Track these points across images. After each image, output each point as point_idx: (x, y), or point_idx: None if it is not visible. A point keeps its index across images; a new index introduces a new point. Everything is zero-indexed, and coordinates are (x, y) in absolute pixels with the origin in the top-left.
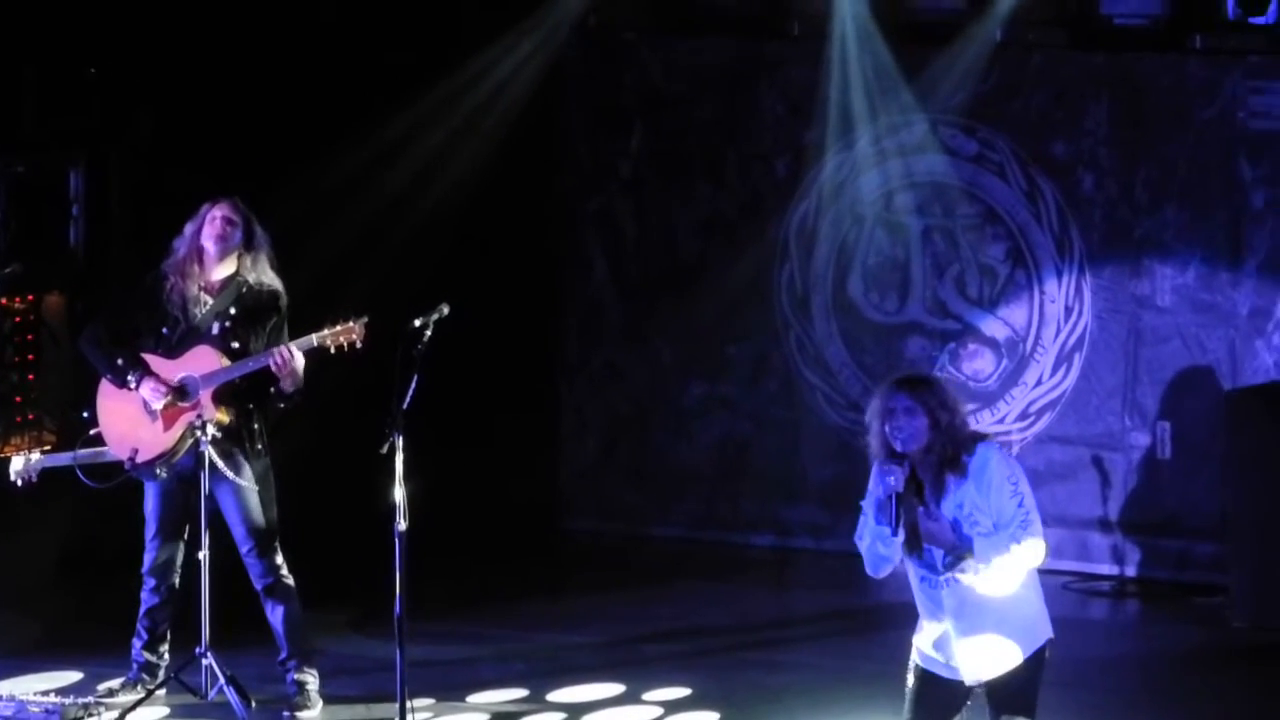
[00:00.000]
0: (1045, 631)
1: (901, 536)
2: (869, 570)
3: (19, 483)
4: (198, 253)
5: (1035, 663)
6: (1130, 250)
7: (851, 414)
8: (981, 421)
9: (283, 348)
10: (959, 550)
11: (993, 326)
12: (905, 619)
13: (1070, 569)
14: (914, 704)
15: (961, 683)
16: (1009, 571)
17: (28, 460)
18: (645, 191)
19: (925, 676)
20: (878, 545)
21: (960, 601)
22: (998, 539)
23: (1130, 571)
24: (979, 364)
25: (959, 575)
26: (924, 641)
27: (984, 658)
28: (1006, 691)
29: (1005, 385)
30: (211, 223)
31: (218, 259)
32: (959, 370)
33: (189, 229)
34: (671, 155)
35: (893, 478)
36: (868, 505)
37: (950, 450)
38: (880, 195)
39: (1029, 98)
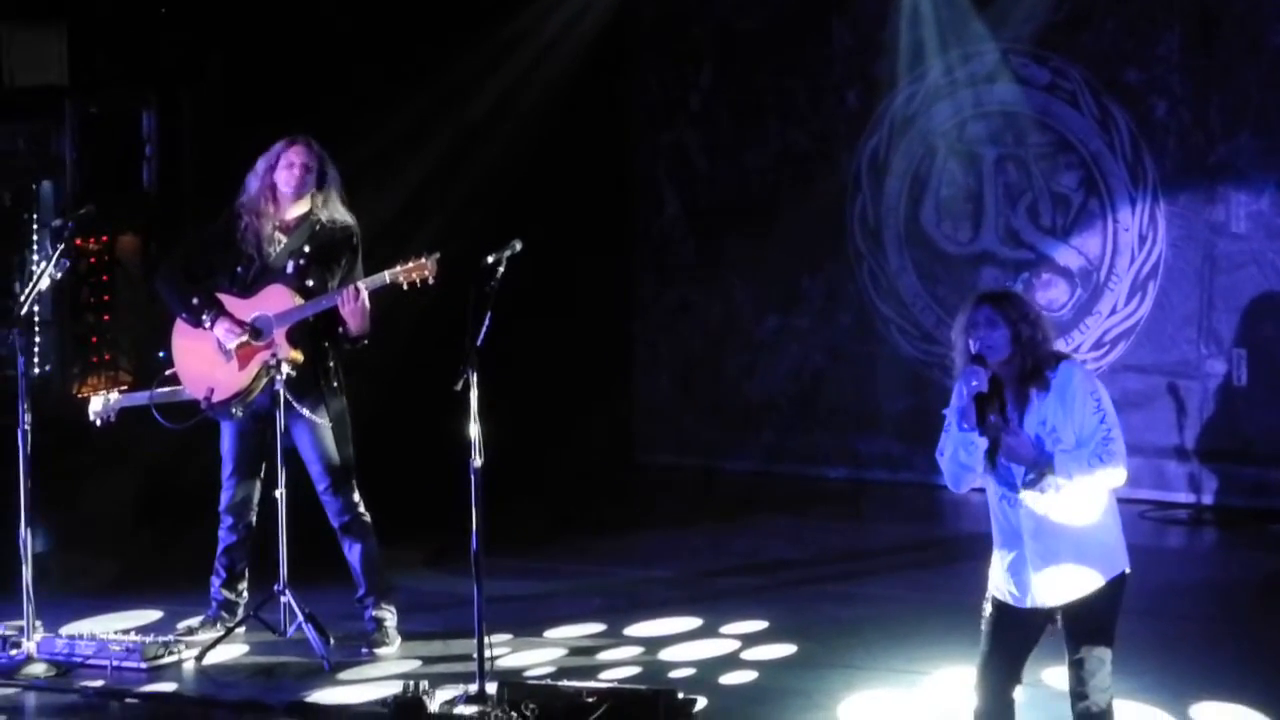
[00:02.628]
0: (1123, 561)
1: (985, 443)
2: (950, 484)
3: (98, 422)
4: (271, 191)
5: (1113, 591)
6: (1204, 177)
7: (925, 345)
8: None
9: (350, 286)
10: (1040, 466)
11: (1066, 256)
12: (982, 551)
13: (1147, 497)
14: (991, 635)
15: (1038, 610)
16: (1090, 489)
17: (106, 400)
18: (716, 125)
19: (1002, 607)
20: (960, 453)
21: (1038, 523)
22: (1079, 454)
23: (1207, 499)
24: (1053, 293)
25: (1039, 493)
26: (998, 570)
27: (1059, 582)
28: (1084, 620)
29: (1079, 314)
30: (289, 168)
31: (292, 200)
32: (1033, 300)
33: (262, 165)
34: (742, 88)
35: (976, 380)
36: (951, 415)
37: (1031, 363)
38: (952, 125)
39: (1101, 25)
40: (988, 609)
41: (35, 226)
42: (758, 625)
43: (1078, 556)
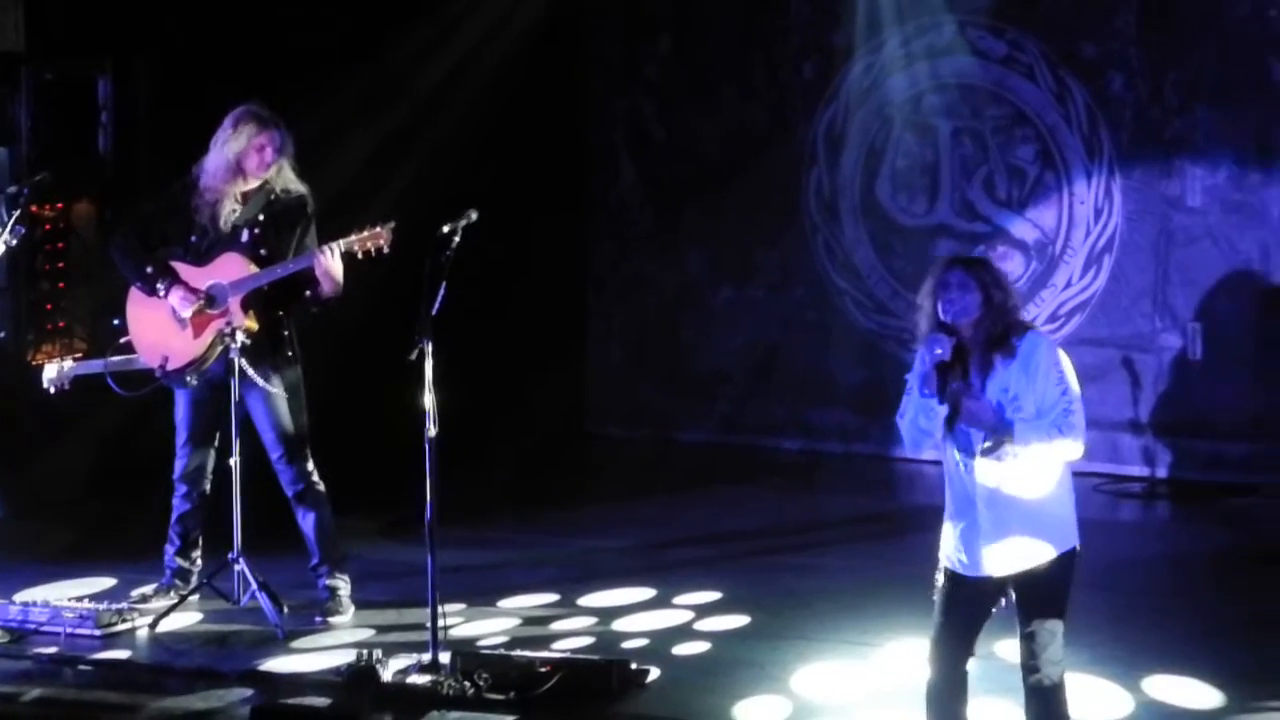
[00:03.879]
0: (1074, 537)
1: (945, 410)
2: (908, 448)
3: (52, 390)
4: (236, 171)
5: (1064, 565)
6: (1160, 151)
7: (880, 317)
8: None
9: (325, 248)
10: (999, 433)
11: (1022, 228)
12: (935, 522)
13: (1101, 470)
14: (943, 606)
15: (989, 580)
16: (1046, 460)
17: (61, 368)
18: (673, 94)
19: (954, 577)
20: (920, 418)
21: (992, 492)
22: (1039, 424)
23: (1161, 473)
24: (1008, 266)
25: (996, 460)
26: (950, 539)
27: (1010, 553)
28: (1035, 593)
29: (1035, 287)
30: (260, 152)
31: (258, 178)
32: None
33: (228, 141)
34: (699, 58)
35: (940, 348)
36: (913, 379)
37: (1000, 329)
38: (908, 98)
39: None
40: (940, 580)
41: None
42: (711, 596)
43: (1030, 528)
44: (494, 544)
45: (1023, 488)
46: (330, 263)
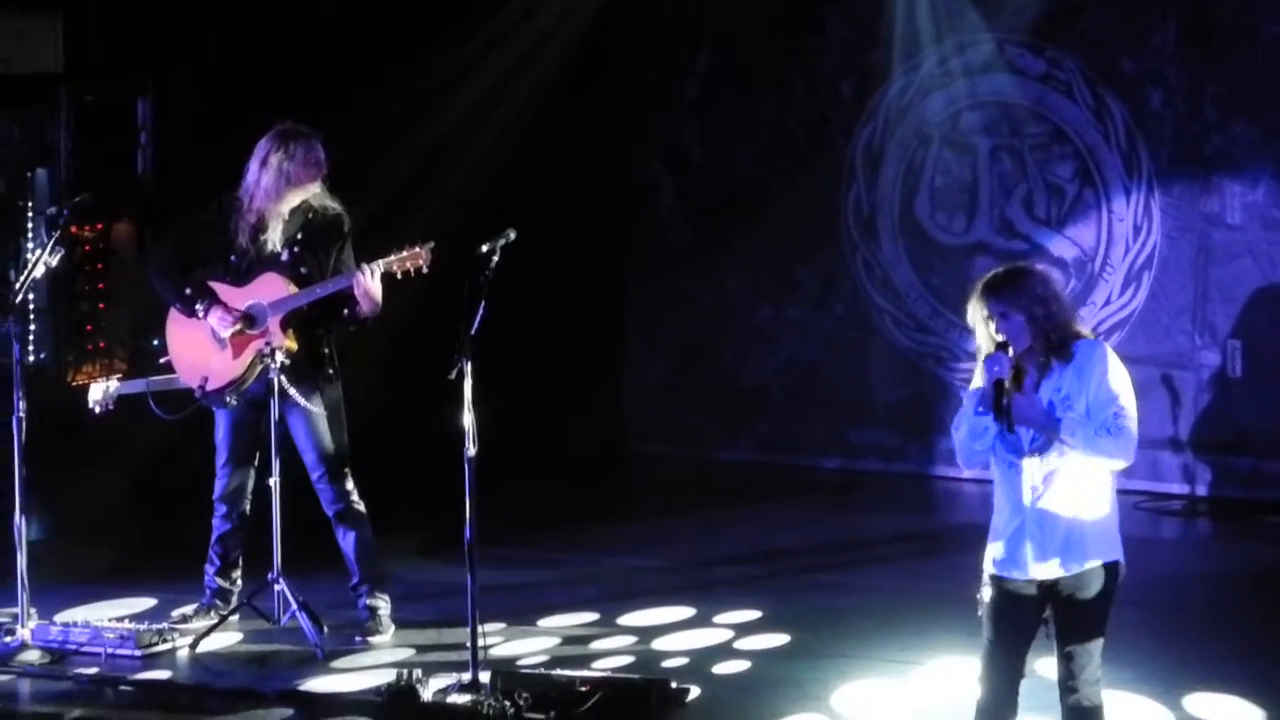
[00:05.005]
0: (1118, 552)
1: (998, 427)
2: (960, 461)
3: (97, 409)
4: (284, 188)
5: (1106, 579)
6: (1199, 168)
7: (919, 335)
8: None
9: (365, 267)
10: (1048, 430)
11: (1060, 246)
12: (975, 541)
13: (1141, 488)
14: (992, 621)
15: (1033, 584)
16: (1093, 459)
17: (106, 388)
18: (711, 113)
19: (1000, 587)
20: (972, 438)
21: (1040, 494)
22: (1088, 422)
23: (1201, 490)
24: None
25: (1042, 454)
26: (997, 543)
27: (1056, 555)
28: (1075, 612)
29: (1074, 305)
30: (316, 165)
31: (299, 191)
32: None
33: (286, 165)
34: (737, 77)
35: (998, 366)
36: (969, 397)
37: (1055, 337)
38: (947, 116)
39: (1096, 16)
40: (986, 594)
41: (30, 214)
42: (751, 615)
43: (1076, 533)
44: (533, 563)
45: (1069, 493)
46: (370, 283)
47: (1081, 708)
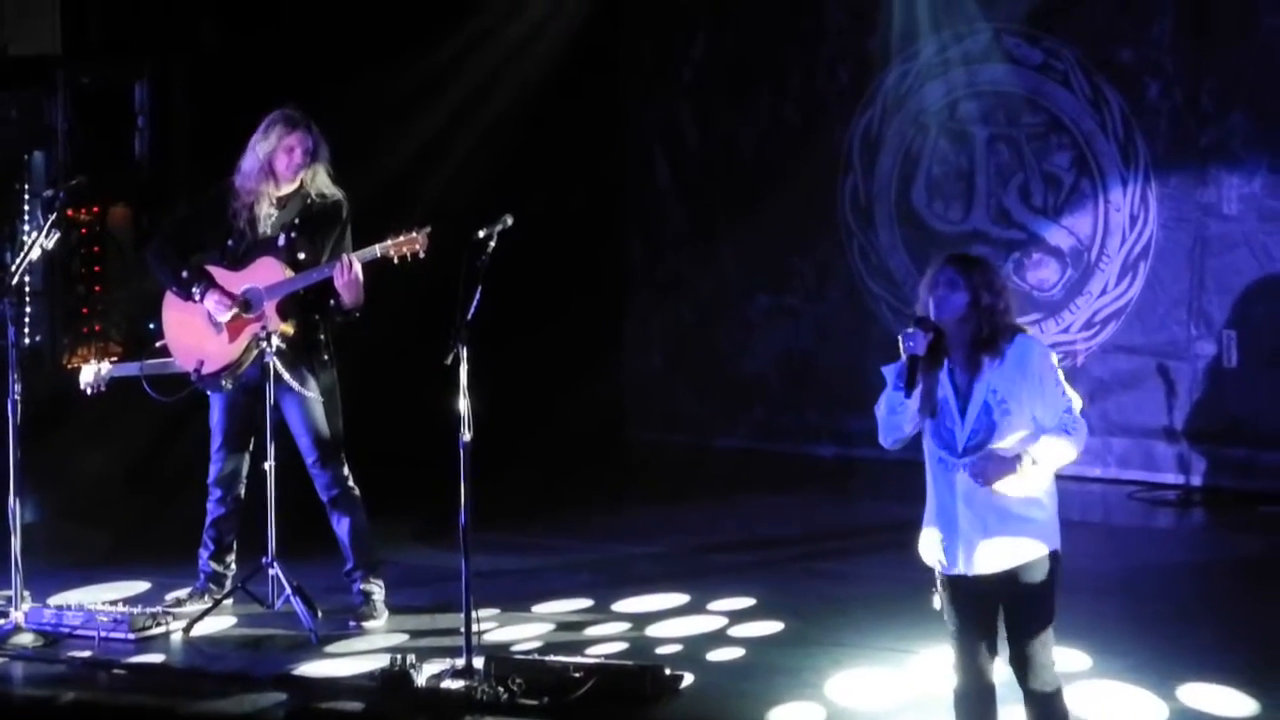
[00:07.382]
0: (1056, 539)
1: (915, 402)
2: (882, 439)
3: (89, 392)
4: (268, 170)
5: (1047, 569)
6: (1196, 158)
7: None
8: (1046, 331)
9: (345, 257)
10: (1021, 469)
11: (1057, 236)
12: None
13: (1136, 478)
14: (953, 611)
15: (979, 577)
16: (1060, 463)
17: (98, 370)
18: (708, 99)
19: (951, 584)
20: (892, 411)
21: (972, 488)
22: (1054, 439)
23: (1196, 480)
24: (1043, 273)
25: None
26: (933, 541)
27: (991, 552)
28: (1022, 605)
29: (1070, 295)
30: (289, 153)
31: (290, 181)
32: (1023, 280)
33: (259, 144)
34: (734, 63)
35: (911, 341)
36: (889, 372)
37: (987, 331)
38: (944, 104)
39: (1093, 6)
40: (937, 600)
41: (27, 197)
42: (746, 602)
43: (1009, 528)
44: (528, 549)
45: (1004, 486)
46: (351, 274)
47: (1041, 693)
